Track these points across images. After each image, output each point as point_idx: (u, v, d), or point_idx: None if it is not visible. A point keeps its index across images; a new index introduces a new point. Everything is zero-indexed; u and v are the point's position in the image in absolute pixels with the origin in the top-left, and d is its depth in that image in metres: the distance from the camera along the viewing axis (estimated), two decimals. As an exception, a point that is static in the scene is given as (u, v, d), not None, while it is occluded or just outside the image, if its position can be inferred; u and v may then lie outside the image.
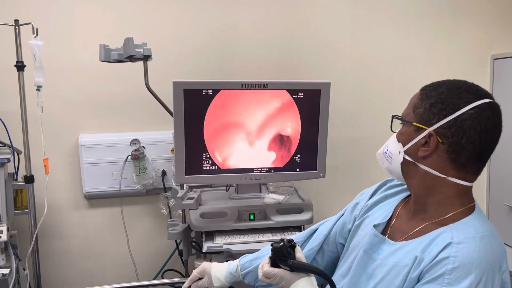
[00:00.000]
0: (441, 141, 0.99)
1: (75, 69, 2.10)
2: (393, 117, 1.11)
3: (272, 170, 1.91)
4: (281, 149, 1.90)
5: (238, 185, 2.01)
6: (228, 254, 1.76)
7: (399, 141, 1.07)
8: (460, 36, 2.46)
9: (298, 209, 1.92)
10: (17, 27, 1.80)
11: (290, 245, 1.09)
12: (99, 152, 2.13)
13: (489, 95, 1.01)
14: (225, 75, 2.20)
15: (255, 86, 1.79)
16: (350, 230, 1.25)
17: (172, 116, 1.80)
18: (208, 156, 1.84)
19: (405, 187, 1.17)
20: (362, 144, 2.40)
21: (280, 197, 1.93)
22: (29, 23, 1.77)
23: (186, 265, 2.07)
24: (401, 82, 2.40)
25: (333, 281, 1.07)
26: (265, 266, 1.11)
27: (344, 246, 1.27)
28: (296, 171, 1.93)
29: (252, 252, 1.38)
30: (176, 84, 1.73)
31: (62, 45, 2.07)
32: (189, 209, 1.88)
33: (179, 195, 1.87)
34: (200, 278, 1.36)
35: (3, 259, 1.85)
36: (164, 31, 2.17)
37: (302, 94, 1.85)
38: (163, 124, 2.15)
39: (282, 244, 1.08)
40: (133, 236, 2.24)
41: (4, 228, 1.78)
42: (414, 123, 1.04)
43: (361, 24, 2.37)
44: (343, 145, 2.39)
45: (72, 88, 2.12)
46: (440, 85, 1.04)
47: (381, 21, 2.38)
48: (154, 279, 2.27)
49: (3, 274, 1.79)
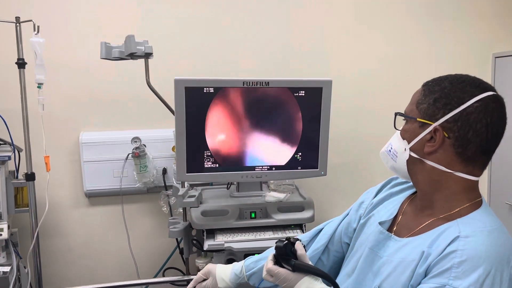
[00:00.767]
0: (447, 135, 0.98)
1: (76, 67, 2.10)
2: (396, 114, 1.10)
3: (273, 168, 1.91)
4: (282, 147, 1.89)
5: (239, 183, 2.01)
6: (229, 252, 1.75)
7: (403, 139, 1.06)
8: (461, 35, 2.46)
9: (299, 207, 1.91)
10: (18, 24, 1.79)
11: (292, 243, 1.08)
12: (100, 150, 2.13)
13: (492, 88, 1.01)
14: (226, 73, 2.20)
15: (256, 84, 1.79)
16: (355, 229, 1.24)
17: (173, 114, 1.80)
18: (209, 154, 1.83)
19: (410, 184, 1.16)
20: (363, 142, 2.40)
21: (281, 195, 1.93)
22: (30, 21, 1.76)
23: (187, 263, 2.07)
24: (402, 80, 2.40)
25: (336, 282, 1.05)
26: (269, 264, 1.11)
27: (349, 245, 1.26)
28: (297, 169, 1.92)
29: (253, 250, 1.37)
30: (177, 82, 1.72)
31: (63, 42, 2.07)
32: (190, 207, 1.88)
33: (180, 193, 1.87)
34: (204, 279, 1.35)
35: (3, 257, 1.85)
36: (166, 29, 2.16)
37: (303, 92, 1.84)
38: (164, 122, 2.15)
39: (285, 243, 1.07)
40: (134, 234, 2.24)
41: (4, 226, 1.78)
42: (418, 119, 1.02)
43: (363, 23, 2.36)
44: (345, 143, 2.39)
45: (73, 85, 2.12)
46: (442, 80, 1.03)
47: (383, 19, 2.38)
48: (155, 277, 2.27)
49: (4, 272, 1.79)
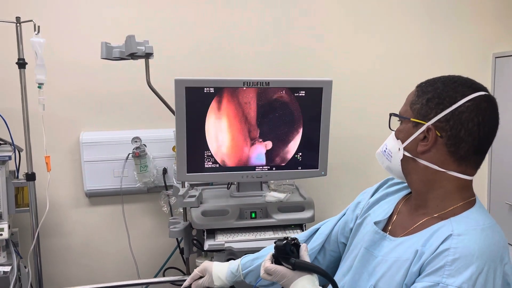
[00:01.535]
0: (439, 134, 1.00)
1: (77, 67, 2.10)
2: (391, 115, 1.12)
3: (274, 168, 1.91)
4: (282, 147, 1.90)
5: (239, 183, 2.01)
6: (230, 252, 1.76)
7: (398, 138, 1.08)
8: (461, 35, 2.46)
9: (299, 207, 1.92)
10: (18, 24, 1.79)
11: (293, 243, 1.08)
12: (100, 150, 2.13)
13: (484, 88, 1.02)
14: (227, 73, 2.20)
15: (257, 84, 1.79)
16: (351, 229, 1.25)
17: (173, 114, 1.80)
18: (210, 154, 1.84)
19: (406, 185, 1.17)
20: (363, 142, 2.40)
21: (281, 195, 1.93)
22: (31, 21, 1.76)
23: (187, 263, 2.07)
24: (402, 80, 2.39)
25: (335, 281, 1.06)
26: (267, 263, 1.11)
27: (345, 245, 1.27)
28: (298, 169, 1.93)
29: (253, 250, 1.38)
30: (178, 82, 1.72)
31: (64, 42, 2.07)
32: (191, 207, 1.88)
33: (180, 193, 1.87)
34: (201, 277, 1.36)
35: (4, 257, 1.85)
36: (166, 29, 2.16)
37: (304, 92, 1.85)
38: (164, 122, 2.15)
39: (285, 242, 1.07)
40: (134, 234, 2.24)
41: (5, 225, 1.78)
42: (412, 119, 1.04)
43: (363, 23, 2.36)
44: (345, 143, 2.39)
45: (74, 85, 2.12)
46: (435, 80, 1.05)
47: (383, 19, 2.38)
48: (155, 277, 2.27)
49: (4, 272, 1.79)
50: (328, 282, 1.07)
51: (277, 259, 1.10)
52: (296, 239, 1.11)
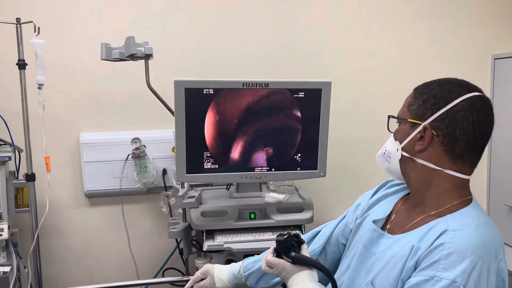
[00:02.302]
0: (435, 133, 1.03)
1: (76, 68, 2.11)
2: (389, 117, 1.16)
3: (273, 169, 1.91)
4: (282, 148, 1.90)
5: (238, 184, 2.01)
6: (229, 253, 1.76)
7: (396, 140, 1.12)
8: (461, 36, 2.47)
9: (298, 208, 1.92)
10: (18, 25, 1.80)
11: (295, 238, 1.11)
12: (100, 151, 2.14)
13: (478, 89, 1.05)
14: (226, 74, 2.20)
15: (256, 85, 1.80)
16: (351, 230, 1.27)
17: (173, 115, 1.81)
18: (209, 155, 1.84)
19: (405, 186, 1.20)
20: (363, 143, 2.41)
21: (280, 196, 1.94)
22: (31, 22, 1.77)
23: (186, 264, 2.07)
24: (402, 82, 2.39)
25: (333, 276, 1.09)
26: (269, 255, 1.15)
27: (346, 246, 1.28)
28: (297, 170, 1.93)
29: (252, 251, 1.39)
30: (177, 83, 1.73)
31: (64, 43, 2.08)
32: (190, 208, 1.89)
33: (179, 193, 1.87)
34: (202, 279, 1.37)
35: (4, 257, 1.86)
36: (166, 30, 2.17)
37: (303, 93, 1.85)
38: (164, 123, 2.15)
39: (287, 236, 1.10)
40: (134, 235, 2.24)
41: (5, 226, 1.78)
42: (409, 119, 1.08)
43: (362, 24, 2.37)
44: (344, 144, 2.39)
45: (73, 86, 2.12)
46: (431, 83, 1.09)
47: (382, 20, 2.39)
48: (154, 277, 2.27)
49: (4, 272, 1.79)
50: (329, 280, 1.09)
51: (278, 253, 1.13)
52: (299, 235, 1.14)
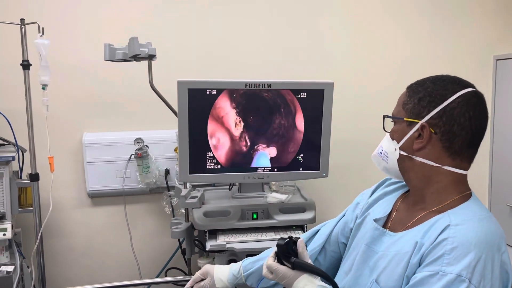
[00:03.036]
0: (433, 131, 1.04)
1: (80, 68, 2.11)
2: (384, 117, 1.16)
3: (275, 170, 1.92)
4: (284, 149, 1.91)
5: (241, 184, 2.02)
6: (231, 252, 1.77)
7: (393, 139, 1.12)
8: (462, 37, 2.47)
9: (300, 209, 1.93)
10: (23, 26, 1.81)
11: (295, 242, 1.10)
12: (103, 151, 2.14)
13: (471, 85, 1.06)
14: (229, 74, 2.21)
15: (259, 85, 1.80)
16: (351, 229, 1.27)
17: (176, 115, 1.81)
18: (212, 155, 1.85)
19: (404, 183, 1.20)
20: (365, 144, 2.37)
21: (283, 196, 1.94)
22: (35, 22, 1.78)
23: (189, 264, 2.08)
24: (403, 82, 2.34)
25: (334, 281, 1.07)
26: (270, 260, 1.13)
27: (346, 245, 1.28)
28: (299, 170, 1.93)
29: (254, 251, 1.39)
30: (180, 84, 1.74)
31: (67, 44, 2.09)
32: (192, 208, 1.89)
33: (182, 194, 1.88)
34: (202, 279, 1.37)
35: (7, 257, 1.86)
36: (169, 31, 2.18)
37: (305, 94, 1.86)
38: (166, 123, 2.16)
39: (287, 241, 1.09)
40: (136, 235, 2.25)
41: (8, 226, 1.79)
42: (405, 118, 1.08)
43: (364, 25, 2.37)
44: (346, 145, 2.39)
45: (77, 87, 2.13)
46: (425, 81, 1.10)
47: (384, 21, 2.39)
48: (157, 277, 2.27)
49: (7, 272, 1.80)
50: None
51: (279, 257, 1.12)
52: (300, 239, 1.12)
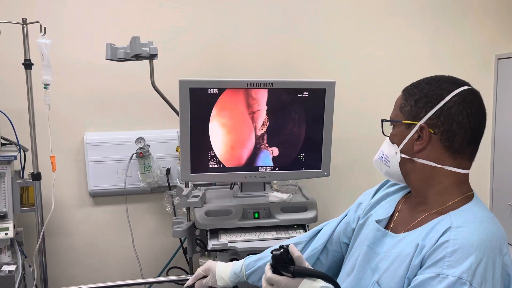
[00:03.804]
0: (433, 131, 1.04)
1: (82, 68, 2.12)
2: (382, 121, 1.16)
3: (277, 169, 1.92)
4: (285, 148, 1.91)
5: (242, 183, 2.02)
6: (233, 252, 1.77)
7: (393, 143, 1.11)
8: (464, 36, 2.47)
9: (302, 208, 1.93)
10: (25, 25, 1.81)
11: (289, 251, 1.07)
12: (105, 150, 2.15)
13: (467, 83, 1.06)
14: (230, 74, 2.21)
15: (260, 85, 1.81)
16: (354, 230, 1.26)
17: (177, 115, 1.82)
18: (213, 154, 1.85)
19: (405, 184, 1.18)
20: (366, 143, 2.41)
21: (284, 196, 1.94)
22: (37, 22, 1.78)
23: (190, 263, 2.08)
24: (405, 82, 2.34)
25: (337, 282, 1.06)
26: (268, 273, 1.10)
27: (348, 245, 1.28)
28: (301, 169, 1.94)
29: (256, 250, 1.38)
30: (182, 83, 1.74)
31: (69, 43, 2.09)
32: (194, 207, 1.89)
33: (184, 193, 1.88)
34: (204, 276, 1.37)
35: (9, 256, 1.86)
36: (170, 30, 2.18)
37: (307, 93, 1.86)
38: (168, 123, 2.17)
39: (282, 250, 1.06)
40: (138, 234, 2.25)
41: (10, 225, 1.79)
42: (404, 121, 1.08)
43: (366, 24, 2.37)
44: (348, 144, 2.40)
45: (79, 86, 2.13)
46: (419, 83, 1.11)
47: (385, 20, 2.39)
48: (158, 276, 2.28)
49: (9, 271, 1.80)
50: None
51: (276, 268, 1.09)
52: (290, 245, 1.09)
